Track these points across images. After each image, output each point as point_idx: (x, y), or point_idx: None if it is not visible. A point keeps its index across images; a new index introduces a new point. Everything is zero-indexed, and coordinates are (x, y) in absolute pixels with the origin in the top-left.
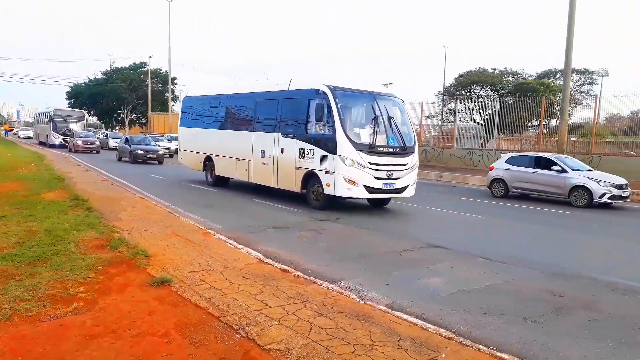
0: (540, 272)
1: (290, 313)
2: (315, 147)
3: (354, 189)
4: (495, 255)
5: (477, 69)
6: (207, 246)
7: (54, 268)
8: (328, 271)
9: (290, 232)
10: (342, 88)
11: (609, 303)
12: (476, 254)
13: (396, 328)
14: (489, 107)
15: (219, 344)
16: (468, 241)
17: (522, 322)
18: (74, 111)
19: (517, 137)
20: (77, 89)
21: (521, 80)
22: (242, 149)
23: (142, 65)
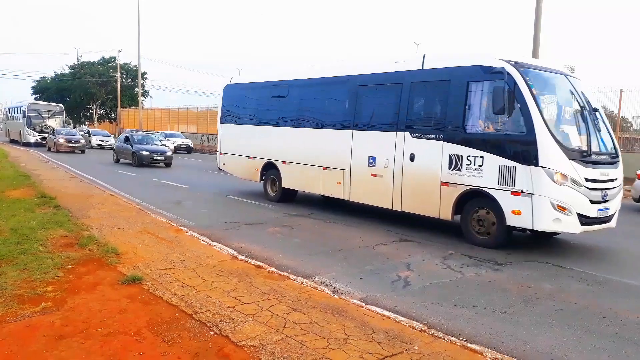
0: (510, 264)
1: (264, 309)
2: (487, 154)
3: (564, 219)
4: (467, 249)
5: None
6: (180, 243)
7: (21, 267)
8: (302, 266)
9: (265, 228)
10: (530, 65)
11: (575, 293)
12: (448, 247)
13: (370, 321)
14: None
15: (192, 341)
16: (440, 235)
17: (492, 313)
18: (52, 105)
19: None
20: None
21: None
22: (332, 153)
23: (111, 60)
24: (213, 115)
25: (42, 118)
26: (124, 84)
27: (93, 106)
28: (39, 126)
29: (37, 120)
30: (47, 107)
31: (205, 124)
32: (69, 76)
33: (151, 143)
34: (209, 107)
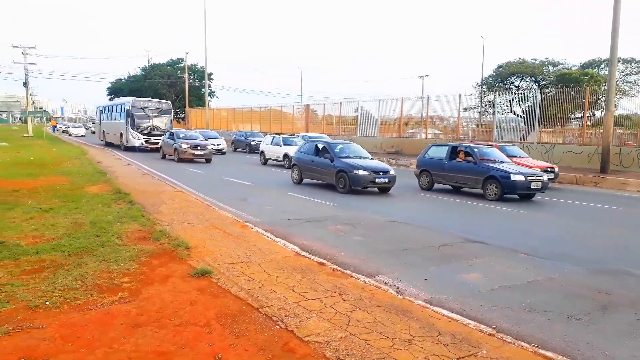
0: (585, 269)
1: (327, 306)
2: None
3: None
4: (537, 251)
5: (516, 60)
6: (245, 238)
7: (100, 259)
8: (364, 265)
9: (326, 226)
10: None
11: None
12: (517, 249)
13: (435, 323)
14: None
15: (259, 334)
16: (509, 236)
17: (567, 319)
18: (159, 102)
19: (559, 129)
20: (117, 85)
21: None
22: None
23: (179, 61)
24: (276, 115)
25: (148, 117)
26: (191, 85)
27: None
28: (145, 127)
29: (142, 119)
30: (154, 104)
31: (267, 122)
32: (140, 77)
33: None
34: (272, 107)
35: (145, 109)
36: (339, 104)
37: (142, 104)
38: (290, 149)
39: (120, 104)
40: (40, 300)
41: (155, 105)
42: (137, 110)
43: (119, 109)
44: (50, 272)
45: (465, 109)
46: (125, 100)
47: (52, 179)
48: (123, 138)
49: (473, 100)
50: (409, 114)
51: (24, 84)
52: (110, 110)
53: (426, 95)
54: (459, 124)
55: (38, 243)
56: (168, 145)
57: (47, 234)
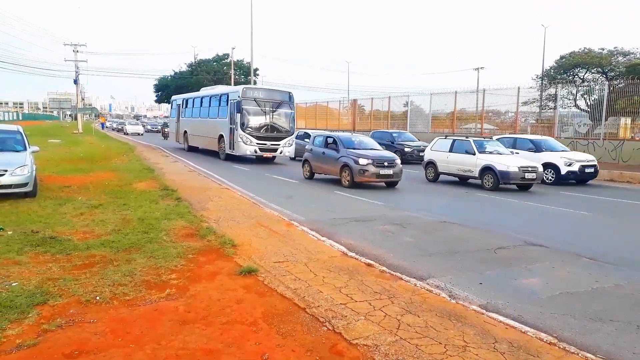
0: None
1: (376, 309)
2: None
3: None
4: (602, 256)
5: (581, 50)
6: (291, 237)
7: (148, 255)
8: (415, 267)
9: (374, 226)
10: None
11: None
12: (581, 253)
13: (491, 330)
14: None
15: (306, 335)
16: (571, 239)
17: (637, 330)
18: (279, 92)
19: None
20: (163, 81)
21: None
22: None
23: (225, 57)
24: (322, 110)
25: (264, 113)
26: (237, 81)
27: None
28: (259, 127)
29: (256, 116)
30: (273, 94)
31: (313, 118)
32: (186, 74)
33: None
34: (317, 102)
35: (260, 101)
36: (388, 98)
37: (257, 94)
38: (494, 159)
39: (220, 94)
40: (91, 295)
41: (274, 96)
42: (249, 103)
43: (217, 101)
44: (101, 268)
45: (524, 102)
46: (229, 90)
47: (102, 175)
48: (225, 143)
49: (532, 93)
50: (463, 109)
51: (74, 81)
52: (198, 103)
53: (481, 89)
54: (517, 118)
55: (88, 239)
56: (320, 157)
57: (96, 230)
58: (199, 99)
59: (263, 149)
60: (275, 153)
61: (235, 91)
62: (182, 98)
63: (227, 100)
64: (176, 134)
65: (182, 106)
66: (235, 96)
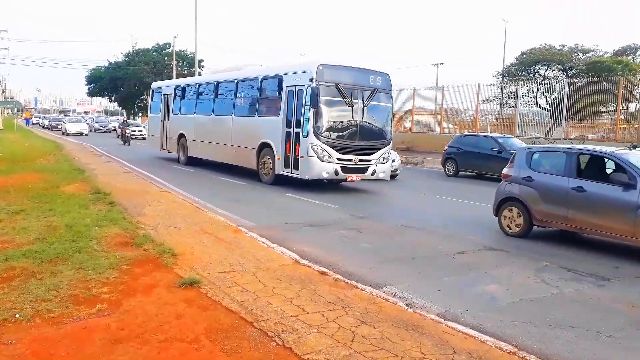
0: (617, 280)
1: (330, 320)
2: None
3: None
4: (565, 261)
5: (542, 46)
6: (239, 245)
7: (76, 266)
8: (371, 275)
9: (329, 231)
10: None
11: None
12: (541, 258)
13: (450, 340)
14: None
15: (253, 352)
16: (532, 243)
17: (596, 336)
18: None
19: (588, 123)
20: (96, 73)
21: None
22: None
23: (166, 46)
24: None
25: (351, 108)
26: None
27: (147, 96)
28: (344, 134)
29: (339, 114)
30: (363, 76)
31: None
32: (123, 64)
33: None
34: None
35: (345, 88)
36: None
37: (341, 76)
38: None
39: (263, 77)
40: (9, 313)
41: (366, 79)
42: (329, 92)
43: (256, 88)
44: (21, 282)
45: (484, 100)
46: (285, 69)
47: (25, 177)
48: (274, 157)
49: (493, 90)
50: (422, 106)
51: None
52: (210, 92)
53: (441, 85)
54: (477, 117)
55: (7, 249)
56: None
57: (17, 239)
58: (212, 85)
59: (347, 169)
60: (366, 174)
61: (303, 71)
62: (174, 85)
63: (279, 86)
64: (162, 138)
65: (174, 97)
66: (303, 80)
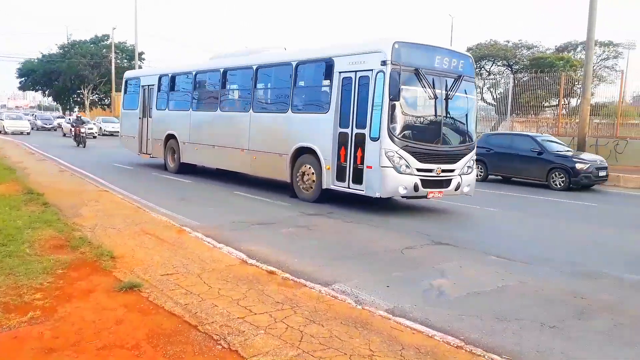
0: (559, 272)
1: (278, 320)
2: None
3: None
4: (508, 253)
5: (488, 42)
6: (182, 245)
7: (6, 272)
8: (320, 272)
9: (278, 229)
10: None
11: (636, 305)
12: (487, 251)
13: (398, 336)
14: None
15: (197, 356)
16: (478, 237)
17: (540, 327)
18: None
19: (532, 118)
20: (29, 65)
21: (538, 54)
22: None
23: (105, 38)
24: None
25: (433, 102)
26: (119, 66)
27: (84, 90)
28: (423, 135)
29: (419, 110)
30: (444, 58)
31: None
32: (57, 57)
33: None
34: None
35: (427, 74)
36: None
37: (421, 59)
38: None
39: (299, 61)
40: None
41: (448, 62)
42: (408, 80)
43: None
44: None
45: None
46: (335, 51)
47: None
48: (323, 167)
49: None
50: None
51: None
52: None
53: None
54: None
55: None
56: None
57: None
58: (216, 73)
59: (427, 182)
60: (449, 189)
61: (370, 52)
62: (159, 74)
63: (327, 72)
64: (140, 140)
65: (159, 89)
66: (370, 63)
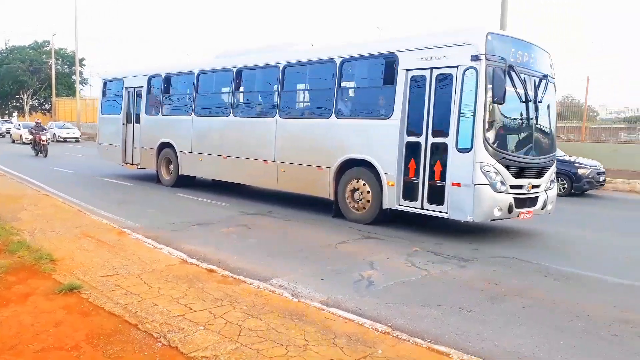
0: (476, 260)
1: (217, 316)
2: None
3: None
4: (432, 246)
5: None
6: (123, 247)
7: None
8: (259, 269)
9: (218, 228)
10: None
11: (542, 289)
12: (413, 244)
13: (331, 325)
14: None
15: (137, 354)
16: (404, 231)
17: (459, 312)
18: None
19: None
20: None
21: None
22: None
23: (45, 44)
24: None
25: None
26: (59, 71)
27: (24, 96)
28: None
29: (513, 112)
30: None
31: None
32: None
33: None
34: None
35: (520, 72)
36: None
37: (513, 54)
38: None
39: (374, 55)
40: None
41: (536, 61)
42: (505, 79)
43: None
44: None
45: None
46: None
47: None
48: (390, 185)
49: None
50: None
51: None
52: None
53: None
54: None
55: None
56: None
57: None
58: (228, 73)
59: (520, 201)
60: (536, 207)
61: (455, 44)
62: (149, 75)
63: (388, 70)
64: (124, 149)
65: (149, 92)
66: (454, 57)
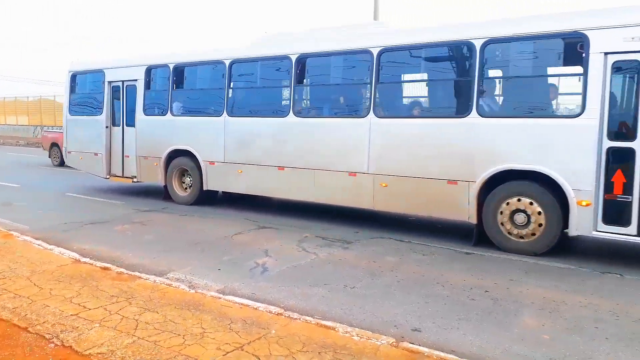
0: (358, 242)
1: (112, 313)
2: None
3: None
4: (320, 231)
5: None
6: (10, 250)
7: None
8: (155, 264)
9: (112, 227)
10: None
11: (413, 264)
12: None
13: (227, 312)
14: None
15: (28, 357)
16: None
17: (344, 289)
18: None
19: None
20: None
21: None
22: None
23: None
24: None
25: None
26: None
27: None
28: None
29: None
30: None
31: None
32: None
33: None
34: (42, 96)
35: None
36: None
37: None
38: None
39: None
40: None
41: None
42: None
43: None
44: None
45: None
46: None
47: None
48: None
49: None
50: None
51: None
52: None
53: None
54: None
55: None
56: None
57: None
58: (284, 62)
59: None
60: None
61: None
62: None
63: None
64: (109, 158)
65: (148, 87)
66: None
